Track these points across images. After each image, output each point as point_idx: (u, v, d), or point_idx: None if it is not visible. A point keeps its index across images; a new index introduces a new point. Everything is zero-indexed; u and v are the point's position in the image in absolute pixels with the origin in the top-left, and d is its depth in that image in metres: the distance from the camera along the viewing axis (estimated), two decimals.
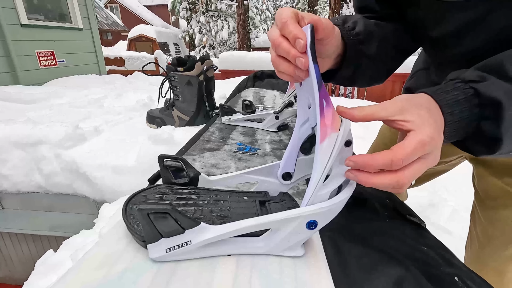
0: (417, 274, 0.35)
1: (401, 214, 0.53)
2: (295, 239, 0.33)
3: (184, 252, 0.33)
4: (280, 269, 0.33)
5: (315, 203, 0.30)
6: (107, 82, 3.03)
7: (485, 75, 0.31)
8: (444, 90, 0.31)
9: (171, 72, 1.28)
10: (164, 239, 0.32)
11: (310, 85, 0.30)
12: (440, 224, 1.42)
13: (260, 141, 0.84)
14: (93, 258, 0.34)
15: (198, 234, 0.32)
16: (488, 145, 0.32)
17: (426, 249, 0.44)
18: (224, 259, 0.34)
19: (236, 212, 0.40)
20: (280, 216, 0.32)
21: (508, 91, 0.29)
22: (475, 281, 0.38)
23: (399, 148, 0.26)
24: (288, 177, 0.42)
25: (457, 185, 1.63)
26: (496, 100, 0.29)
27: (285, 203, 0.43)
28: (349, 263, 0.38)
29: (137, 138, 1.23)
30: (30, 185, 1.16)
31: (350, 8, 4.87)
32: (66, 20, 4.04)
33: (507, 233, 0.57)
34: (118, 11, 18.51)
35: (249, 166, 0.65)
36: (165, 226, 0.31)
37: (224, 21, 11.91)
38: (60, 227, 1.24)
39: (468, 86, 0.31)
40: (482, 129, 0.31)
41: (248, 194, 0.45)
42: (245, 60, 4.38)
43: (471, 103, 0.30)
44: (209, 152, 0.73)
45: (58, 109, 1.65)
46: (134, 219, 0.38)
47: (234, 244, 0.35)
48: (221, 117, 0.99)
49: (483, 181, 0.61)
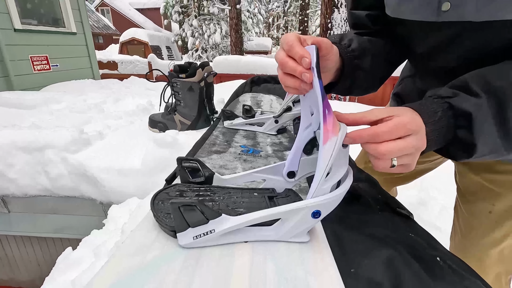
0: (405, 254, 0.42)
1: (391, 207, 0.60)
2: (302, 227, 0.39)
3: (208, 240, 0.38)
4: (289, 253, 0.39)
5: (318, 195, 0.36)
6: (103, 87, 3.05)
7: (456, 91, 0.37)
8: (425, 105, 0.37)
9: (173, 78, 1.34)
10: (191, 228, 0.37)
11: (314, 96, 0.36)
12: (430, 221, 1.49)
13: (262, 143, 0.89)
14: (129, 247, 0.40)
15: (220, 224, 0.37)
16: (465, 150, 0.38)
17: (414, 236, 0.51)
18: (241, 245, 0.40)
19: (249, 206, 0.46)
20: (290, 207, 0.37)
21: (476, 103, 0.35)
22: (454, 260, 0.45)
23: (382, 125, 0.33)
24: (292, 175, 0.48)
25: (445, 183, 1.71)
26: (466, 111, 0.35)
27: (291, 198, 0.49)
28: (347, 247, 0.44)
29: (141, 142, 1.28)
30: (36, 188, 1.19)
31: (341, 13, 4.99)
32: (60, 24, 4.04)
33: (485, 223, 0.63)
34: (109, 14, 18.38)
35: (254, 167, 0.71)
36: (192, 217, 0.36)
37: (217, 24, 11.97)
38: (66, 229, 1.27)
39: (444, 101, 0.37)
40: (458, 137, 0.37)
41: (257, 191, 0.51)
42: (240, 64, 4.45)
43: (447, 114, 0.36)
44: (216, 154, 0.78)
45: (58, 114, 1.67)
46: (162, 213, 0.43)
47: (250, 233, 0.40)
48: (223, 121, 1.05)
49: (463, 177, 0.68)
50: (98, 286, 0.33)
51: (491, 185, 0.60)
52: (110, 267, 0.36)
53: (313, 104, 0.39)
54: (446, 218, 1.51)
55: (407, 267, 0.39)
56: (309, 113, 0.41)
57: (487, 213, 0.62)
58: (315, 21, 17.43)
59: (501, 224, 0.60)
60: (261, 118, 0.98)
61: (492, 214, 0.61)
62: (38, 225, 1.28)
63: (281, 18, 21.29)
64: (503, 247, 0.62)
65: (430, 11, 0.44)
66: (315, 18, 17.79)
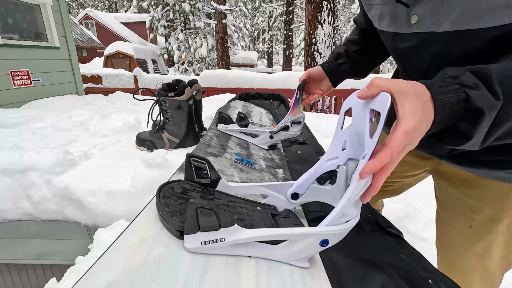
0: (398, 279, 0.43)
1: (382, 227, 0.61)
2: (307, 252, 0.39)
3: (215, 248, 0.37)
4: (292, 275, 0.38)
5: (330, 225, 0.36)
6: (88, 103, 2.99)
7: (478, 83, 0.35)
8: (443, 91, 0.36)
9: (161, 97, 1.33)
10: (201, 232, 0.36)
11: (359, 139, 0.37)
12: (416, 233, 1.53)
13: (255, 156, 0.87)
14: (131, 241, 0.37)
15: (232, 234, 0.36)
16: (458, 139, 0.38)
17: (405, 257, 0.52)
18: (246, 260, 0.39)
19: (252, 219, 0.44)
20: (301, 231, 0.37)
21: (491, 104, 0.35)
22: (445, 282, 0.47)
23: (393, 144, 0.32)
24: (296, 197, 0.49)
25: (429, 196, 1.76)
26: (480, 109, 0.35)
27: (291, 220, 0.49)
28: (343, 274, 0.45)
29: (128, 162, 1.25)
30: (17, 212, 1.14)
31: (324, 29, 5.17)
32: (42, 39, 3.97)
33: (466, 237, 0.64)
34: (93, 27, 18.23)
35: (251, 178, 0.70)
36: (206, 221, 0.35)
37: (203, 38, 12.09)
38: (48, 254, 1.21)
39: (463, 91, 0.36)
40: (459, 127, 0.37)
41: (260, 205, 0.50)
42: (227, 78, 4.49)
43: (460, 106, 0.36)
44: (212, 157, 0.75)
45: (41, 133, 1.62)
46: (168, 209, 0.40)
47: (256, 248, 0.39)
48: (217, 124, 1.02)
49: (443, 192, 0.70)
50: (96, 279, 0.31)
51: (470, 199, 0.62)
52: (109, 262, 0.33)
53: (352, 142, 0.40)
54: (431, 229, 1.54)
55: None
56: (340, 147, 0.42)
57: (467, 228, 0.63)
58: (300, 35, 17.94)
59: (481, 238, 0.62)
60: (256, 130, 0.97)
61: (472, 228, 0.63)
62: (18, 251, 1.21)
63: (266, 32, 21.78)
64: (487, 261, 0.63)
65: (402, 24, 0.52)
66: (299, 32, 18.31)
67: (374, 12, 0.60)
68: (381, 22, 0.58)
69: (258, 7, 20.33)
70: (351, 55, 0.78)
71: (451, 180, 0.66)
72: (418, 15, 0.48)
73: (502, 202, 0.58)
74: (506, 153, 0.52)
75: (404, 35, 0.53)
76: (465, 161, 0.58)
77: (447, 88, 0.36)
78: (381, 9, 0.57)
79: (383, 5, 0.56)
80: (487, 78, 0.35)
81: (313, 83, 0.80)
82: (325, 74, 0.79)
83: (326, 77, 0.79)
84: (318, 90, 0.81)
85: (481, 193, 0.60)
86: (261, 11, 20.53)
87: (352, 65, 0.78)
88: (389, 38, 0.59)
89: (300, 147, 1.03)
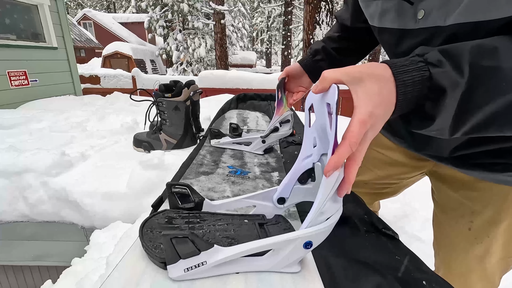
0: (392, 281, 0.43)
1: (377, 228, 0.61)
2: (294, 257, 0.39)
3: (200, 272, 0.37)
4: (282, 284, 0.39)
5: (311, 226, 0.37)
6: (86, 104, 2.98)
7: (443, 60, 0.34)
8: (406, 70, 0.34)
9: (158, 98, 1.33)
10: (182, 260, 0.36)
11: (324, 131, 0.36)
12: (413, 233, 1.53)
13: (249, 164, 0.89)
14: (117, 282, 0.38)
15: (212, 255, 0.37)
16: (422, 120, 0.37)
17: (400, 258, 0.52)
18: (234, 277, 0.39)
19: (240, 234, 0.45)
20: (282, 238, 0.37)
21: (454, 82, 0.33)
22: (439, 283, 0.47)
23: (350, 135, 0.31)
24: (282, 201, 0.49)
25: (426, 196, 1.77)
26: (442, 88, 0.33)
27: (281, 225, 0.50)
28: (337, 275, 0.45)
29: (126, 163, 1.25)
30: (13, 214, 1.13)
31: (322, 30, 5.18)
32: (40, 39, 3.96)
33: (465, 240, 0.64)
34: (91, 28, 18.20)
35: (243, 189, 0.71)
36: (184, 249, 0.36)
37: (202, 38, 12.09)
38: (44, 256, 1.20)
39: (427, 68, 0.34)
40: (423, 107, 0.36)
41: (247, 217, 0.51)
42: (225, 78, 4.49)
43: (423, 85, 0.34)
44: (204, 175, 0.77)
45: (38, 134, 1.62)
46: (151, 242, 0.42)
47: (242, 263, 0.40)
48: (210, 140, 1.04)
49: (442, 194, 0.70)
50: None
51: (469, 202, 0.62)
52: None
53: (320, 137, 0.39)
54: (428, 229, 1.54)
55: None
56: (311, 144, 0.42)
57: (466, 230, 0.63)
58: (298, 36, 17.96)
59: (480, 241, 0.62)
60: (248, 138, 0.98)
61: (471, 231, 0.63)
62: (14, 253, 1.21)
63: (265, 32, 21.80)
64: (486, 264, 0.63)
65: (408, 19, 0.49)
66: (298, 32, 18.34)
67: (375, 9, 0.57)
68: (383, 18, 0.55)
69: (257, 8, 20.35)
70: (329, 52, 0.77)
71: (450, 183, 0.66)
72: (424, 10, 0.46)
73: (502, 204, 0.57)
74: (506, 156, 0.51)
75: (409, 32, 0.50)
76: (465, 164, 0.58)
77: (409, 67, 0.34)
78: (383, 5, 0.54)
79: (385, 1, 0.53)
80: (457, 57, 0.34)
81: (293, 81, 0.80)
82: (303, 70, 0.78)
83: (304, 73, 0.78)
84: (300, 88, 0.80)
85: (481, 196, 0.59)
86: (259, 11, 20.55)
87: (330, 62, 0.77)
88: (392, 35, 0.56)
89: (297, 147, 1.03)
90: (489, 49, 0.33)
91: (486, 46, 0.34)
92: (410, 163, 0.74)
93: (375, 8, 0.57)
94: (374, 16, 0.58)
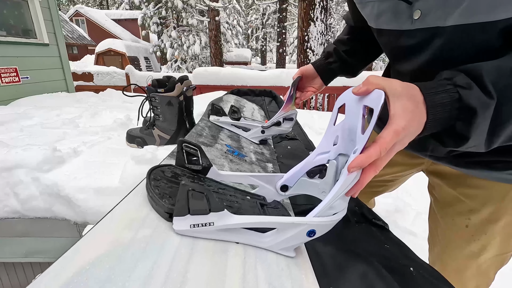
0: (379, 267, 0.44)
1: (368, 218, 0.62)
2: (294, 241, 0.39)
3: (204, 231, 0.37)
4: (278, 264, 0.39)
5: (319, 216, 0.37)
6: (78, 101, 2.95)
7: (471, 83, 0.36)
8: (435, 92, 0.36)
9: (151, 93, 1.32)
10: (190, 215, 0.36)
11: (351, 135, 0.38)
12: (406, 227, 1.56)
13: (245, 148, 0.88)
14: (120, 219, 0.37)
15: (221, 218, 0.36)
16: (456, 140, 0.39)
17: (388, 247, 0.53)
18: (234, 246, 0.39)
19: (241, 208, 0.45)
20: (290, 220, 0.38)
21: (483, 102, 0.35)
22: (426, 269, 0.48)
23: (382, 141, 0.33)
24: (285, 189, 0.49)
25: (419, 190, 1.79)
26: (473, 108, 0.35)
27: (280, 210, 0.50)
28: (326, 263, 0.46)
29: (118, 159, 1.24)
30: (3, 210, 1.12)
31: (317, 27, 5.18)
32: (31, 35, 3.89)
33: (462, 237, 0.64)
34: (84, 24, 17.93)
35: (241, 169, 0.70)
36: (196, 204, 0.35)
37: (196, 36, 12.00)
38: (36, 252, 1.19)
39: (456, 91, 0.36)
40: (455, 128, 0.38)
41: (249, 195, 0.51)
42: (219, 75, 4.47)
43: (453, 106, 0.36)
44: (203, 146, 0.74)
45: (29, 131, 1.60)
46: (157, 190, 0.40)
47: (244, 235, 0.40)
48: (209, 115, 1.02)
49: (439, 191, 0.69)
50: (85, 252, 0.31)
51: (468, 200, 0.62)
52: (96, 238, 0.33)
53: (343, 137, 0.40)
54: (421, 223, 1.57)
55: (381, 280, 0.41)
56: (331, 142, 0.43)
57: (463, 227, 0.63)
58: (293, 33, 17.94)
59: (477, 238, 0.62)
60: (248, 124, 0.98)
61: (468, 228, 0.63)
62: (6, 249, 1.19)
63: (259, 30, 21.73)
64: (481, 260, 0.63)
65: (404, 20, 0.49)
66: (293, 30, 18.33)
67: (370, 10, 0.56)
68: (379, 19, 0.55)
69: (252, 5, 20.26)
70: (340, 54, 0.78)
71: (448, 180, 0.66)
72: (421, 10, 0.46)
73: (500, 203, 0.57)
74: (507, 154, 0.51)
75: (406, 33, 0.50)
76: (464, 163, 0.58)
77: (439, 89, 0.36)
78: (379, 6, 0.54)
79: (381, 2, 0.53)
80: (480, 78, 0.36)
81: (306, 81, 0.81)
82: (316, 72, 0.79)
83: (317, 75, 0.79)
84: (310, 88, 0.81)
85: (480, 194, 0.60)
86: (254, 8, 20.46)
87: (342, 64, 0.78)
88: (389, 37, 0.56)
89: (291, 142, 1.03)
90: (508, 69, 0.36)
91: (504, 67, 0.37)
92: (407, 162, 0.75)
93: (371, 10, 0.57)
94: (370, 17, 0.58)
